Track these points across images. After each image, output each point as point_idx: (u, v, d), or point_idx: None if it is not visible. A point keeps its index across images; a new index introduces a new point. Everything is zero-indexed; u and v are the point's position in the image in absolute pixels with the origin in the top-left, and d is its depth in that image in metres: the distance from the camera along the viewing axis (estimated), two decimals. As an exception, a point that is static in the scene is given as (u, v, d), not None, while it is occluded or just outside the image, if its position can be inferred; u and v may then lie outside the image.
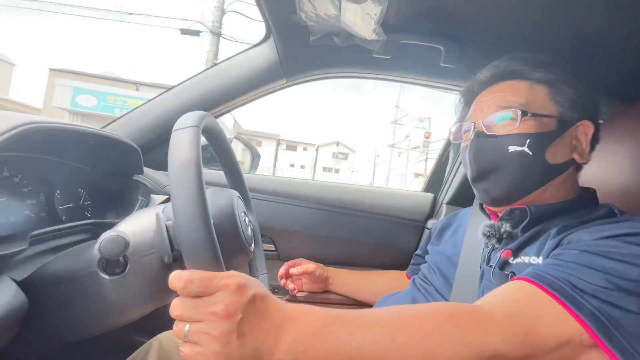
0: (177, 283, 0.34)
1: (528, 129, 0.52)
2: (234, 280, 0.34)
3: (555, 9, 0.59)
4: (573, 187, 0.56)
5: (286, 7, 0.69)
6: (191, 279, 0.34)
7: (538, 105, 0.53)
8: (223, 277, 0.34)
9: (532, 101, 0.53)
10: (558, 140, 0.53)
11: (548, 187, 0.54)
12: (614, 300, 0.36)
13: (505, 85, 0.57)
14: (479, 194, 0.59)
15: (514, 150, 0.52)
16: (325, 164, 34.70)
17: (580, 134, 0.54)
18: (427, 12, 0.67)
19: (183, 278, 0.34)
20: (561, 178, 0.54)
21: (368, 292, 0.89)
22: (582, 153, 0.54)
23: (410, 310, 0.38)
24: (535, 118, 0.52)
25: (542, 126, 0.52)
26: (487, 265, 0.55)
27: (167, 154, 0.39)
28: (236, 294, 0.34)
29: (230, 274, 0.35)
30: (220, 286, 0.34)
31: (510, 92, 0.55)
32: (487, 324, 0.36)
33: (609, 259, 0.39)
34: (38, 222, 0.60)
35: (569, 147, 0.54)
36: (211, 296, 0.34)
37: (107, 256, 0.44)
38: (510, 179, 0.54)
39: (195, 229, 0.35)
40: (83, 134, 0.61)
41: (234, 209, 0.52)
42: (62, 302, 0.48)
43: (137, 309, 0.50)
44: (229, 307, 0.33)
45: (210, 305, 0.33)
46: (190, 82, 0.89)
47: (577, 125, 0.54)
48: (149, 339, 0.67)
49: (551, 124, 0.53)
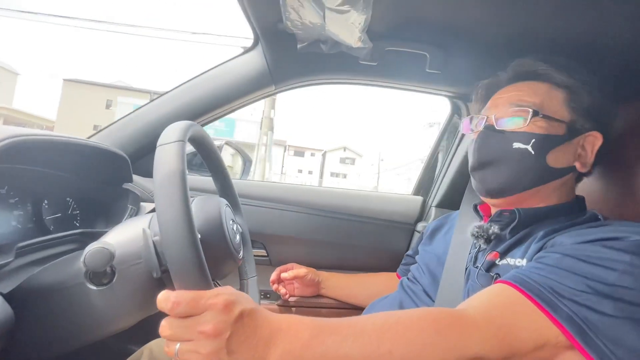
0: (164, 305, 0.35)
1: (536, 129, 0.53)
2: (221, 299, 0.35)
3: (536, 17, 0.61)
4: (568, 194, 0.57)
5: (273, 16, 0.70)
6: (178, 301, 0.34)
7: (552, 108, 0.54)
8: (210, 296, 0.35)
9: (547, 103, 0.54)
10: (563, 145, 0.53)
11: (542, 189, 0.55)
12: (591, 304, 0.37)
13: (524, 85, 0.58)
14: (475, 183, 0.61)
15: (518, 147, 0.54)
16: (333, 169, 34.78)
17: (588, 144, 0.54)
18: (411, 20, 0.69)
19: (170, 300, 0.34)
20: (557, 182, 0.55)
21: (359, 295, 0.90)
22: (585, 163, 0.54)
23: (395, 317, 0.39)
24: (545, 120, 0.53)
25: (550, 129, 0.53)
26: (474, 266, 0.56)
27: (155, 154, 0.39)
28: (223, 312, 0.34)
29: (216, 292, 0.36)
30: (207, 306, 0.34)
31: (528, 92, 0.56)
32: (467, 329, 0.38)
33: (588, 263, 0.40)
34: (25, 233, 0.60)
35: (572, 155, 0.54)
36: (199, 316, 0.35)
37: (92, 268, 0.45)
38: (508, 174, 0.55)
39: (181, 248, 0.35)
40: (70, 144, 0.61)
41: (221, 218, 0.52)
42: (49, 314, 0.48)
43: (126, 318, 0.50)
44: (217, 326, 0.34)
45: (198, 325, 0.34)
46: (179, 90, 0.90)
47: (587, 135, 0.54)
48: (140, 347, 0.67)
49: (560, 129, 0.54)
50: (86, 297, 0.47)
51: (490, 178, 0.57)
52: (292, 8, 0.64)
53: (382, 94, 69.75)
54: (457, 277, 0.58)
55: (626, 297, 0.37)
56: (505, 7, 0.60)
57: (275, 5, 0.65)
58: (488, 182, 0.58)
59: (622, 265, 0.38)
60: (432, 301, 0.61)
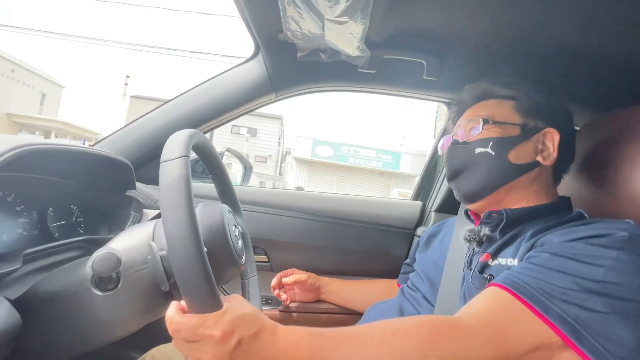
0: (168, 326, 0.37)
1: (492, 134, 0.60)
2: (218, 330, 0.36)
3: (530, 25, 0.63)
4: (548, 191, 0.60)
5: (273, 27, 0.72)
6: (178, 328, 0.36)
7: (503, 115, 0.61)
8: (208, 326, 0.36)
9: (497, 113, 0.61)
10: (522, 144, 0.59)
11: (514, 186, 0.59)
12: (580, 302, 0.38)
13: (478, 105, 0.66)
14: (455, 192, 0.66)
15: (480, 151, 0.60)
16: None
17: (548, 140, 0.59)
18: (408, 30, 0.70)
19: (172, 326, 0.37)
20: (527, 178, 0.59)
21: (360, 301, 0.90)
22: (548, 156, 0.59)
23: (393, 329, 0.40)
24: (498, 125, 0.60)
25: (505, 132, 0.60)
26: (468, 268, 0.58)
27: (159, 169, 0.40)
28: (221, 343, 0.36)
29: (216, 320, 0.37)
30: (205, 336, 0.36)
31: (480, 109, 0.64)
32: (463, 336, 0.39)
33: (576, 261, 0.41)
34: (31, 240, 0.61)
35: (533, 151, 0.59)
36: (199, 343, 0.36)
37: (100, 273, 0.46)
38: (477, 177, 0.60)
39: (190, 269, 0.36)
40: (75, 153, 0.62)
41: (224, 224, 0.53)
42: (55, 320, 0.48)
43: (130, 324, 0.51)
44: (214, 355, 0.36)
45: (198, 352, 0.36)
46: (181, 98, 0.91)
47: (543, 132, 0.59)
48: (142, 354, 0.68)
49: (514, 130, 0.60)
50: (92, 303, 0.47)
51: (463, 184, 0.62)
52: (292, 19, 0.66)
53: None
54: (456, 282, 0.60)
55: (614, 292, 0.38)
56: (498, 16, 0.62)
57: (275, 16, 0.67)
58: (462, 188, 0.63)
59: (608, 261, 0.40)
60: (431, 306, 0.62)
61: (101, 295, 0.47)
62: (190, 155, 0.42)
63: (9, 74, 16.79)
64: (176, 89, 17.50)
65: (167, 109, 0.90)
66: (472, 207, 0.65)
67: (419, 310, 0.63)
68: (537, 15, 0.60)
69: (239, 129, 18.56)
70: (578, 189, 0.65)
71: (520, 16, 0.61)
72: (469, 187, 0.61)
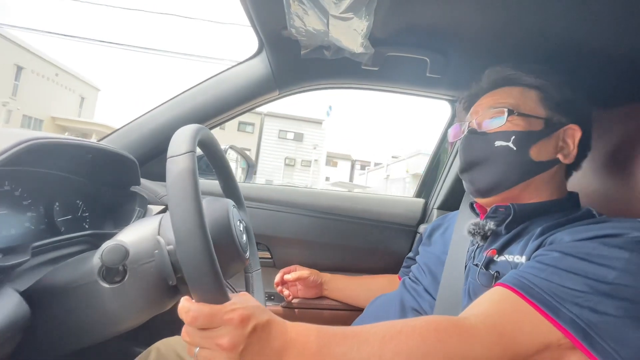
0: (184, 316, 0.37)
1: (514, 127, 0.56)
2: (237, 314, 0.37)
3: (534, 22, 0.63)
4: (559, 188, 0.58)
5: (277, 23, 0.72)
6: (196, 315, 0.36)
7: (528, 107, 0.57)
8: (226, 311, 0.37)
9: (522, 103, 0.58)
10: (544, 140, 0.56)
11: (531, 183, 0.57)
12: (592, 305, 0.37)
13: (499, 90, 0.62)
14: (466, 185, 0.63)
15: (500, 145, 0.57)
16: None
17: (568, 137, 0.57)
18: (412, 27, 0.71)
19: (189, 314, 0.37)
20: (545, 176, 0.57)
21: (361, 297, 0.91)
22: (568, 154, 0.57)
23: (398, 327, 0.40)
24: (522, 117, 0.56)
25: (528, 125, 0.56)
26: (473, 263, 0.57)
27: (164, 164, 0.40)
28: (239, 327, 0.36)
29: (232, 307, 0.37)
30: (224, 321, 0.36)
31: (503, 96, 0.60)
32: (469, 337, 0.39)
33: (588, 261, 0.40)
34: (38, 234, 0.62)
35: (554, 148, 0.57)
36: (216, 329, 0.37)
37: (108, 264, 0.46)
38: (494, 171, 0.57)
39: (198, 264, 0.37)
40: (81, 147, 0.63)
41: (229, 219, 0.54)
42: (63, 311, 0.49)
43: (137, 316, 0.52)
44: (232, 339, 0.36)
45: (215, 338, 0.36)
46: (186, 94, 0.92)
47: (565, 129, 0.57)
48: (146, 347, 0.68)
49: (538, 124, 0.56)
50: (99, 295, 0.48)
51: (478, 178, 0.59)
52: (296, 15, 0.67)
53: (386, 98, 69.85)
54: (457, 275, 0.60)
55: (627, 295, 0.37)
56: (502, 13, 0.62)
57: (279, 12, 0.67)
58: (477, 182, 0.60)
59: (621, 262, 0.39)
60: (433, 299, 0.62)
61: (108, 288, 0.48)
62: (196, 150, 0.43)
63: (53, 77, 17.44)
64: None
65: (171, 106, 0.91)
66: (481, 202, 0.63)
67: (420, 303, 0.64)
68: (542, 12, 0.60)
69: (285, 134, 19.23)
70: (585, 185, 0.65)
71: (525, 13, 0.61)
72: (484, 182, 0.59)
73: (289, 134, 19.25)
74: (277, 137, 19.14)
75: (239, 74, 0.91)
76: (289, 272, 0.91)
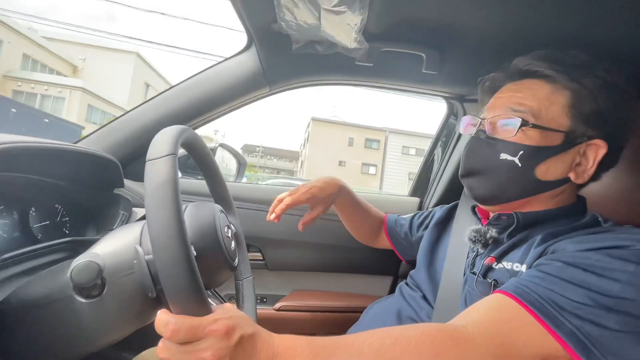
0: (163, 330, 0.33)
1: (526, 140, 0.50)
2: (221, 325, 0.34)
3: (532, 17, 0.60)
4: (568, 198, 0.54)
5: (267, 17, 0.69)
6: (176, 328, 0.33)
7: (550, 115, 0.50)
8: (209, 323, 0.34)
9: (545, 109, 0.50)
10: (557, 156, 0.50)
11: (533, 199, 0.53)
12: (594, 318, 0.36)
13: (525, 84, 0.54)
14: (465, 189, 0.60)
15: (505, 158, 0.52)
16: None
17: (590, 152, 0.50)
18: (407, 21, 0.68)
19: (169, 327, 0.33)
20: (551, 193, 0.52)
21: (358, 230, 0.92)
22: (582, 173, 0.51)
23: (392, 338, 0.38)
24: (538, 130, 0.50)
25: (544, 139, 0.50)
26: (471, 271, 0.55)
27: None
28: (224, 339, 0.34)
29: (216, 317, 0.35)
30: (207, 333, 0.33)
31: (527, 94, 0.52)
32: (466, 349, 0.37)
33: (591, 273, 0.39)
34: (12, 243, 0.58)
35: (568, 165, 0.50)
36: (199, 342, 0.34)
37: (79, 284, 0.43)
38: (495, 184, 0.53)
39: (177, 275, 0.34)
40: (58, 151, 0.59)
41: (216, 227, 0.51)
42: (37, 327, 0.46)
43: (117, 331, 0.49)
44: (217, 352, 0.33)
45: (198, 352, 0.33)
46: (171, 92, 0.88)
47: (589, 143, 0.50)
48: (135, 355, 0.66)
49: (556, 139, 0.50)
50: (75, 310, 0.45)
51: (477, 186, 0.56)
52: (286, 8, 0.63)
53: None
54: (456, 283, 0.58)
55: (629, 310, 0.36)
56: (500, 8, 0.60)
57: (269, 5, 0.63)
58: (474, 190, 0.57)
59: (625, 275, 0.37)
60: (431, 307, 0.60)
61: (85, 303, 0.45)
62: (178, 153, 0.40)
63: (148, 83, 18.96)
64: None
65: (156, 104, 0.87)
66: (481, 207, 0.60)
67: (418, 312, 0.62)
68: (539, 8, 0.58)
69: (408, 150, 20.57)
70: (595, 190, 0.63)
71: (522, 8, 0.59)
72: (481, 191, 0.55)
73: (411, 149, 20.38)
74: (400, 152, 20.41)
75: (227, 70, 0.87)
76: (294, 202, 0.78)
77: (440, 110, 1.16)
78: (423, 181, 1.21)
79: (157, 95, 0.87)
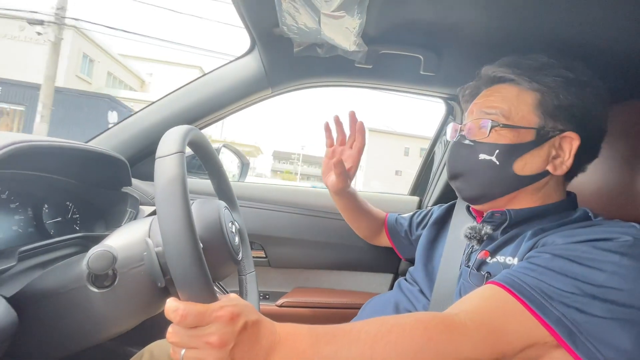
0: (172, 315, 0.36)
1: (500, 139, 0.54)
2: (227, 311, 0.36)
3: (528, 18, 0.62)
4: (555, 192, 0.57)
5: (269, 21, 0.71)
6: (185, 313, 0.36)
7: (520, 115, 0.54)
8: (216, 309, 0.36)
9: (515, 110, 0.54)
10: (533, 151, 0.53)
11: (518, 194, 0.56)
12: (579, 306, 0.38)
13: (496, 89, 0.58)
14: (455, 191, 0.63)
15: (483, 158, 0.55)
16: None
17: (565, 145, 0.53)
18: (405, 24, 0.70)
19: (178, 313, 0.36)
20: (534, 186, 0.55)
21: (359, 228, 0.94)
22: (561, 165, 0.53)
23: (388, 325, 0.40)
24: (509, 129, 0.53)
25: (516, 137, 0.53)
26: (466, 265, 0.58)
27: (154, 165, 0.40)
28: (229, 324, 0.36)
29: (222, 304, 0.37)
30: (213, 318, 0.36)
31: (497, 98, 0.56)
32: (458, 335, 0.39)
33: (578, 264, 0.41)
34: (26, 238, 0.61)
35: (545, 158, 0.53)
36: (205, 327, 0.36)
37: (95, 271, 0.45)
38: (479, 184, 0.57)
39: (186, 266, 0.36)
40: (70, 149, 0.62)
41: (221, 222, 0.53)
42: (51, 317, 0.48)
43: (127, 320, 0.51)
44: (222, 337, 0.35)
45: (204, 336, 0.36)
46: (177, 94, 0.90)
47: (562, 136, 0.53)
48: (140, 348, 0.68)
49: (528, 135, 0.53)
50: (88, 300, 0.47)
51: (464, 187, 0.60)
52: (287, 13, 0.66)
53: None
54: (452, 276, 0.60)
55: (615, 298, 0.38)
56: (496, 9, 0.61)
57: (271, 10, 0.66)
58: (462, 191, 0.60)
59: (611, 266, 0.39)
60: (428, 301, 0.62)
61: (98, 293, 0.47)
62: (185, 151, 0.42)
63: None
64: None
65: (162, 105, 0.90)
66: (474, 207, 0.63)
67: (415, 304, 0.64)
68: (536, 9, 0.59)
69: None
70: (584, 183, 0.64)
71: (519, 9, 0.60)
72: (469, 192, 0.59)
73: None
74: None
75: (231, 72, 0.89)
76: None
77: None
78: (423, 180, 1.23)
79: (164, 96, 0.90)
